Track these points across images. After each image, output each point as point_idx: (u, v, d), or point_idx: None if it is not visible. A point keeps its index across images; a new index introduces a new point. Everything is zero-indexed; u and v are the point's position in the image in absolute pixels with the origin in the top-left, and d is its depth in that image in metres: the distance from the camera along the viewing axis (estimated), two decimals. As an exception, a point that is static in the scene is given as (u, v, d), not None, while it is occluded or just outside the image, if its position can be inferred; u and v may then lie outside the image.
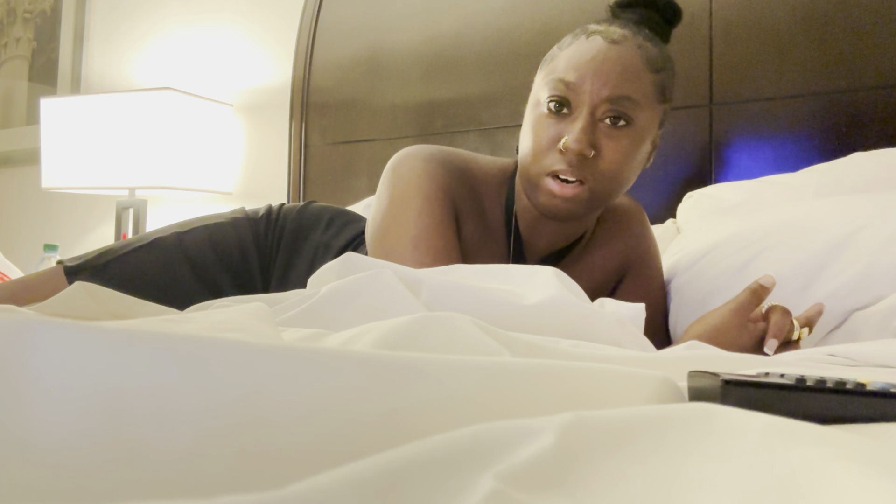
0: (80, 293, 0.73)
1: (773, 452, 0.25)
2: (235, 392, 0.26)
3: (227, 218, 1.24)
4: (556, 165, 0.99)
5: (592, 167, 0.99)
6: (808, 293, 1.00)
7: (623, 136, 1.00)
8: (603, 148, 0.99)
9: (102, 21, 2.80)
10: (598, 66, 0.99)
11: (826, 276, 1.00)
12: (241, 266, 1.19)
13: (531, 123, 1.05)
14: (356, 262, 0.77)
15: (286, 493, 0.19)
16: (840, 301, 0.98)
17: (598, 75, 0.99)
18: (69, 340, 0.25)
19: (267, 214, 1.25)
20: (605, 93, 0.98)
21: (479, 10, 1.95)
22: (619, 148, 1.00)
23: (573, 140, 0.97)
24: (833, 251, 1.01)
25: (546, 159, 1.01)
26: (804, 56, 1.54)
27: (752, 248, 1.10)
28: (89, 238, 2.67)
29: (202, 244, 1.18)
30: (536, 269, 0.79)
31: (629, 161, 1.02)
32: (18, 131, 2.93)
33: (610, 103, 0.99)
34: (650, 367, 0.41)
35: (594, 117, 0.99)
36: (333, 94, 2.17)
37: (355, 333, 0.49)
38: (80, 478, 0.23)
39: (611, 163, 1.00)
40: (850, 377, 0.38)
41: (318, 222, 1.23)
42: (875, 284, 0.97)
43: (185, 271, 1.16)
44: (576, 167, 0.99)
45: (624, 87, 0.99)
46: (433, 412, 0.28)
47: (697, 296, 1.13)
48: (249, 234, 1.21)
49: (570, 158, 0.98)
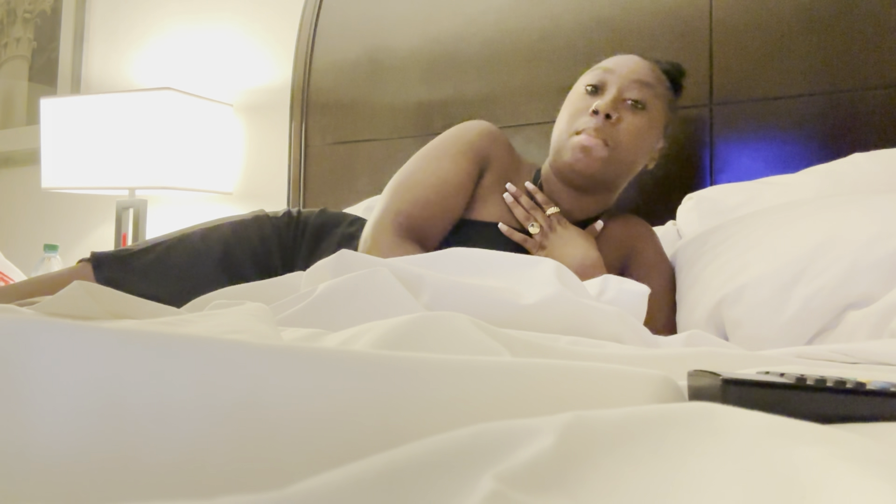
0: (80, 293, 0.73)
1: (773, 452, 0.25)
2: (235, 392, 0.26)
3: (249, 216, 1.34)
4: (585, 124, 1.22)
5: (614, 132, 1.21)
6: (788, 291, 1.02)
7: (640, 116, 1.24)
8: (623, 119, 1.23)
9: (102, 21, 2.79)
10: (633, 63, 1.28)
11: (813, 271, 1.02)
12: (264, 257, 1.28)
13: (568, 102, 1.29)
14: (350, 259, 0.77)
15: (286, 493, 0.19)
16: (828, 296, 0.99)
17: (630, 67, 1.26)
18: (69, 340, 0.25)
19: (287, 214, 1.35)
20: (633, 76, 1.24)
21: (479, 10, 1.94)
22: (636, 123, 1.23)
23: (604, 104, 1.21)
24: (819, 247, 1.03)
25: (577, 121, 1.24)
26: (804, 56, 1.54)
27: (738, 247, 1.13)
28: (89, 238, 2.67)
29: (228, 241, 1.27)
30: (535, 261, 0.79)
31: (641, 139, 1.24)
32: (18, 131, 2.93)
33: (636, 86, 1.23)
34: (650, 366, 0.41)
35: (621, 95, 1.23)
36: (333, 94, 2.17)
37: (354, 333, 0.49)
38: (80, 478, 0.23)
39: (627, 133, 1.22)
40: (850, 376, 0.38)
41: (342, 220, 1.35)
42: (861, 280, 0.98)
43: (210, 262, 1.24)
44: (601, 128, 1.21)
45: (648, 77, 1.26)
46: (433, 412, 0.28)
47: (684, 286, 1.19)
48: (271, 229, 1.30)
49: (598, 120, 1.21)
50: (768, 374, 0.38)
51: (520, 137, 1.80)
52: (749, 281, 1.05)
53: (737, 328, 1.05)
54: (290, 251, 1.30)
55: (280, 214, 1.34)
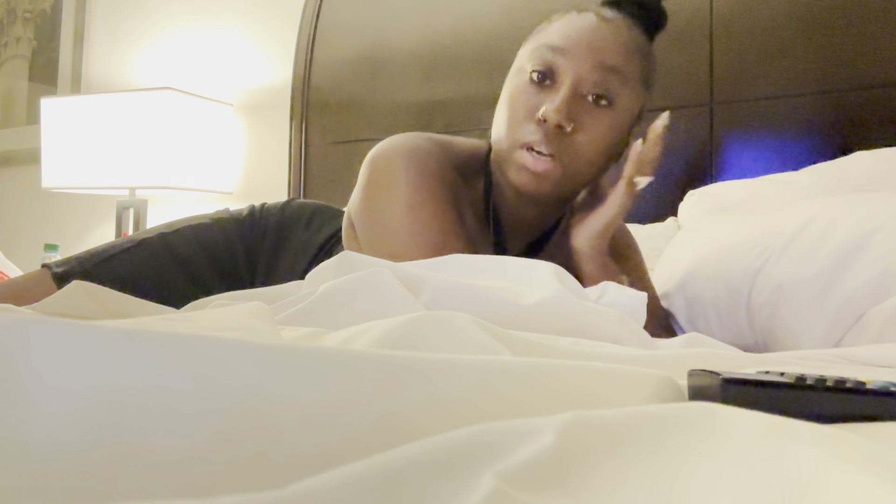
0: (80, 293, 0.73)
1: (773, 452, 0.25)
2: (236, 392, 0.26)
3: (211, 218, 1.22)
4: (531, 136, 0.94)
5: (568, 143, 0.94)
6: (826, 297, 0.97)
7: (604, 117, 0.95)
8: (582, 124, 0.94)
9: (102, 21, 2.80)
10: (589, 34, 0.96)
11: (844, 279, 0.97)
12: (229, 264, 1.17)
13: (509, 93, 1.00)
14: (353, 260, 0.77)
15: (286, 493, 0.19)
16: (858, 305, 0.95)
17: (588, 44, 0.95)
18: (69, 340, 0.25)
19: (250, 214, 1.23)
20: (593, 60, 0.94)
21: (479, 10, 1.94)
22: (597, 128, 0.95)
23: (553, 110, 0.92)
24: (850, 254, 0.98)
25: (521, 130, 0.95)
26: (804, 56, 1.54)
27: (765, 252, 1.06)
28: (89, 238, 2.67)
29: (189, 243, 1.17)
30: (533, 263, 0.79)
31: (605, 144, 0.97)
32: (18, 131, 2.93)
33: (597, 73, 0.94)
34: (650, 366, 0.41)
35: (577, 91, 0.94)
36: (333, 93, 2.17)
37: (355, 332, 0.49)
38: (79, 478, 0.23)
39: (587, 142, 0.95)
40: (850, 376, 0.38)
41: (298, 221, 1.21)
42: (893, 287, 0.94)
43: (174, 271, 1.14)
44: (551, 140, 0.93)
45: (613, 58, 0.95)
46: (433, 412, 0.28)
47: (713, 303, 1.09)
48: (235, 233, 1.20)
49: (547, 130, 0.93)
50: (768, 374, 0.38)
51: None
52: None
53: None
54: (254, 257, 1.19)
55: (244, 216, 1.22)
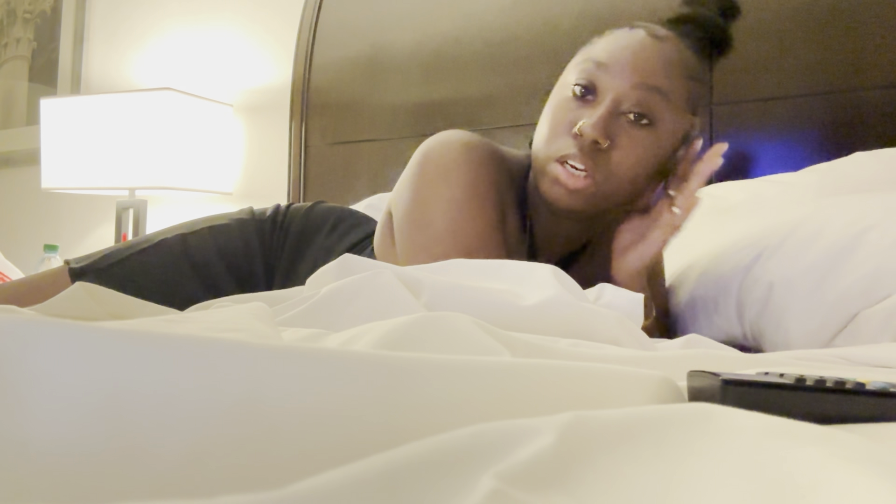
0: (80, 293, 0.73)
1: (772, 452, 0.25)
2: (235, 392, 0.26)
3: (233, 219, 1.20)
4: (566, 150, 0.93)
5: (603, 160, 0.93)
6: (817, 294, 0.98)
7: (643, 137, 0.94)
8: (620, 142, 0.93)
9: (102, 21, 2.79)
10: (635, 53, 0.94)
11: (835, 277, 0.98)
12: (246, 270, 1.16)
13: (552, 106, 0.99)
14: (354, 263, 0.77)
15: (286, 493, 0.19)
16: (849, 302, 0.96)
17: (632, 62, 0.93)
18: (69, 340, 0.25)
19: (274, 215, 1.21)
20: (636, 79, 0.92)
21: (479, 10, 1.94)
22: (635, 147, 0.93)
23: (590, 125, 0.90)
24: (841, 252, 0.99)
25: (558, 142, 0.94)
26: (804, 56, 1.54)
27: (757, 251, 1.06)
28: (89, 238, 2.67)
29: (207, 247, 1.15)
30: (533, 266, 0.79)
31: (642, 165, 0.95)
32: (18, 131, 2.93)
33: (639, 92, 0.92)
34: (649, 367, 0.41)
35: (617, 108, 0.92)
36: (333, 94, 2.17)
37: (355, 333, 0.50)
38: (79, 478, 0.23)
39: (622, 161, 0.93)
40: (850, 377, 0.38)
41: (323, 225, 1.19)
42: (884, 286, 0.95)
43: (189, 275, 1.14)
44: (586, 155, 0.92)
45: (657, 79, 0.93)
46: (433, 412, 0.28)
47: (703, 300, 1.09)
48: (255, 237, 1.18)
49: (583, 144, 0.92)
50: (768, 375, 0.38)
51: (520, 137, 1.80)
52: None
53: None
54: (272, 263, 1.17)
55: (266, 216, 1.21)
